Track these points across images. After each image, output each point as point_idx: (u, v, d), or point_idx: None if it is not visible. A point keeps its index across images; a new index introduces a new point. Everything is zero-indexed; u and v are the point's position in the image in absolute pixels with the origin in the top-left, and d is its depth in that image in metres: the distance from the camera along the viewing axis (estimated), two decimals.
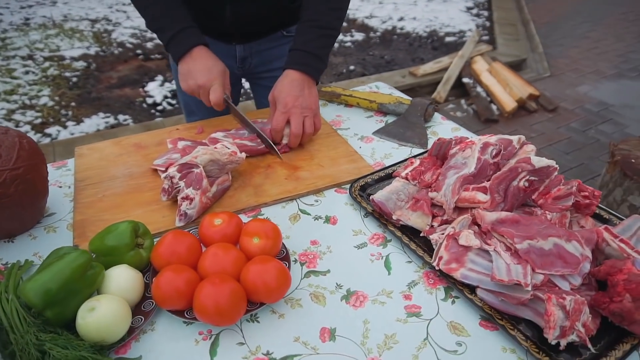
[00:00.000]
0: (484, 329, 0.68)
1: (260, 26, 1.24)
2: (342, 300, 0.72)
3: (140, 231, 0.74)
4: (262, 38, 1.27)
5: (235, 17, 1.17)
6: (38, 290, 0.59)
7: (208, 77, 1.03)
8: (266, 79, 1.36)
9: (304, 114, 1.03)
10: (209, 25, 1.20)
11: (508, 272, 0.68)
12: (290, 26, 1.30)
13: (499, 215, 0.75)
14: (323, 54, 1.07)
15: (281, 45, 1.31)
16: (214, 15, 1.17)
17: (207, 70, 1.03)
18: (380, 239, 0.84)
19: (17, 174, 0.76)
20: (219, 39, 1.24)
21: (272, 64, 1.32)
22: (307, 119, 1.03)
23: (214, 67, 1.04)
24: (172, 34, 1.04)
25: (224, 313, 0.63)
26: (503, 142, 0.85)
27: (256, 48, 1.28)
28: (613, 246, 0.71)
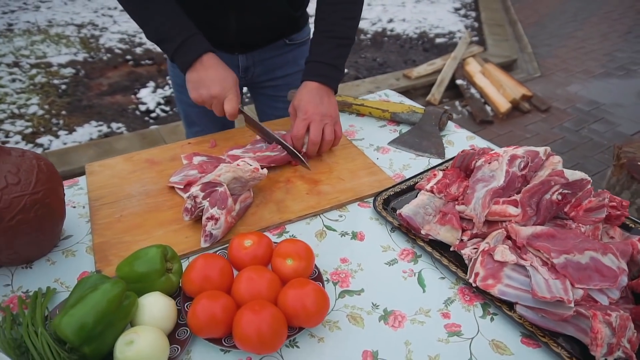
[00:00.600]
0: (527, 346, 0.67)
1: (263, 35, 1.23)
2: (380, 320, 0.70)
3: (168, 255, 0.72)
4: (265, 47, 1.26)
5: (240, 27, 1.16)
6: (75, 326, 0.57)
7: (223, 87, 1.00)
8: (269, 88, 1.35)
9: (323, 121, 1.02)
10: (212, 36, 1.17)
11: (548, 288, 0.68)
12: (292, 34, 1.29)
13: (534, 230, 0.74)
14: (340, 64, 1.07)
15: (284, 54, 1.30)
16: (218, 26, 1.15)
17: (221, 80, 1.00)
18: (410, 254, 0.83)
19: (36, 198, 0.73)
20: (221, 49, 1.22)
21: (275, 72, 1.32)
22: (327, 127, 1.02)
23: (228, 77, 1.02)
24: (179, 43, 1.01)
25: (266, 341, 0.62)
26: (530, 154, 0.85)
27: (259, 57, 1.27)
28: None
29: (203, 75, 1.01)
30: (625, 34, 5.30)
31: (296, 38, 1.30)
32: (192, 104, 1.29)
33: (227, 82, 1.01)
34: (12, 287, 0.75)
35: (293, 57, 1.32)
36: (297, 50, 1.32)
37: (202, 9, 1.11)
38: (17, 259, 0.78)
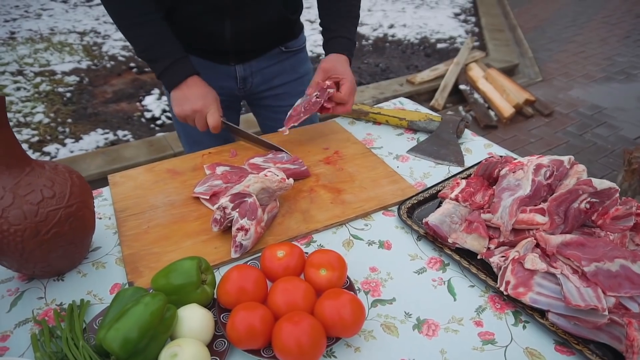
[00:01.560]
0: (561, 354, 0.68)
1: (259, 42, 1.23)
2: (414, 329, 0.71)
3: (203, 267, 0.72)
4: (261, 56, 1.26)
5: (235, 33, 1.15)
6: (120, 340, 0.57)
7: (204, 102, 1.06)
8: (269, 98, 1.35)
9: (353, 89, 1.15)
10: (208, 45, 1.19)
11: (581, 296, 0.69)
12: (288, 41, 1.29)
13: (564, 238, 0.75)
14: (356, 40, 1.21)
15: (281, 62, 1.30)
16: (213, 34, 1.15)
17: (202, 96, 1.07)
18: (438, 262, 0.84)
19: (70, 211, 0.74)
20: (217, 61, 1.23)
21: (273, 81, 1.31)
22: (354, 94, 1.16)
23: (209, 94, 1.09)
24: (166, 66, 1.06)
25: (306, 352, 0.62)
26: (555, 163, 0.86)
27: (256, 67, 1.27)
28: None
29: (187, 93, 1.07)
30: (624, 38, 5.34)
31: (292, 45, 1.30)
32: None
33: (208, 98, 1.08)
34: (45, 300, 0.76)
35: (290, 65, 1.32)
36: (294, 57, 1.33)
37: (197, 15, 1.11)
38: (50, 272, 0.78)
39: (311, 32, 5.31)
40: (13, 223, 0.68)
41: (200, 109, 1.06)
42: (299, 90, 1.32)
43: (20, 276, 0.80)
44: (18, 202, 0.69)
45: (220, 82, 1.24)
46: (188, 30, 1.14)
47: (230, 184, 0.97)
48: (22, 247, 0.70)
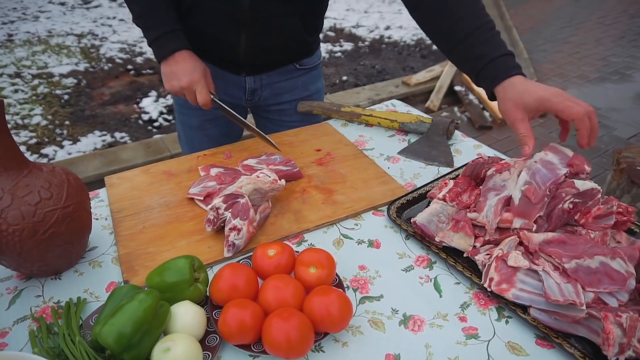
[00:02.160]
0: (541, 347, 0.70)
1: (273, 58, 1.23)
2: (400, 325, 0.73)
3: (196, 265, 0.75)
4: (274, 70, 1.25)
5: (249, 47, 1.15)
6: (115, 334, 0.59)
7: (191, 79, 1.05)
8: (274, 112, 1.34)
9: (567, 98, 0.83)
10: (221, 54, 1.19)
11: (561, 291, 0.71)
12: (303, 59, 1.28)
13: (545, 236, 0.78)
14: None
15: (293, 78, 1.29)
16: (227, 44, 1.15)
17: (189, 72, 1.05)
18: (425, 261, 0.86)
19: (67, 212, 0.76)
20: (228, 70, 1.23)
21: (283, 97, 1.31)
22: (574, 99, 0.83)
23: (196, 69, 1.06)
24: (156, 36, 1.05)
25: (295, 346, 0.64)
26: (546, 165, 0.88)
27: (267, 80, 1.26)
28: None
29: (175, 68, 1.06)
30: (619, 39, 5.38)
31: (307, 63, 1.29)
32: (195, 125, 1.33)
33: (195, 73, 1.05)
34: (43, 298, 0.78)
35: (303, 82, 1.31)
36: (307, 75, 1.31)
37: (214, 24, 1.12)
38: (48, 271, 0.80)
39: None
40: (11, 223, 0.70)
41: (188, 85, 1.05)
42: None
43: (18, 275, 0.82)
44: (16, 203, 0.71)
45: (228, 90, 1.25)
46: (203, 36, 1.14)
47: (224, 185, 0.99)
48: (20, 247, 0.72)
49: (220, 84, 1.21)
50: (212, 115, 1.28)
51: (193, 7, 1.09)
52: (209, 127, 1.33)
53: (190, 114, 1.32)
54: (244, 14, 1.06)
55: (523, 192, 0.81)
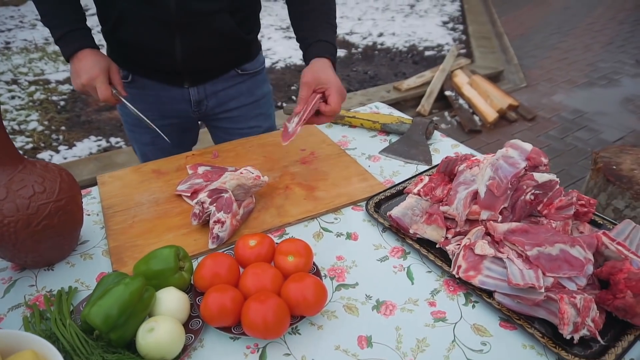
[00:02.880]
0: (504, 329, 0.75)
1: (213, 63, 1.22)
2: (373, 310, 0.78)
3: (181, 255, 0.79)
4: (216, 79, 1.25)
5: (186, 51, 1.13)
6: (102, 315, 0.64)
7: (89, 75, 1.04)
8: (224, 120, 1.34)
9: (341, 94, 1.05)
10: (159, 65, 1.18)
11: (522, 276, 0.76)
12: (244, 63, 1.28)
13: (509, 226, 0.83)
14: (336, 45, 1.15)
15: (237, 84, 1.29)
16: (163, 52, 1.14)
17: (89, 69, 1.04)
18: (399, 251, 0.91)
19: (59, 205, 0.81)
20: (171, 84, 1.22)
21: (229, 104, 1.31)
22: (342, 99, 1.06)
23: (96, 65, 1.05)
24: (60, 35, 1.06)
25: (271, 327, 0.69)
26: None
27: (211, 89, 1.26)
28: (611, 249, 0.80)
29: (77, 67, 1.06)
30: (607, 45, 5.48)
31: (249, 68, 1.29)
32: (147, 142, 1.34)
33: (94, 70, 1.04)
34: (36, 287, 0.82)
35: (247, 87, 1.31)
36: (251, 80, 1.31)
37: (146, 33, 1.10)
38: (41, 262, 0.85)
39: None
40: (7, 215, 0.75)
41: (87, 82, 1.04)
42: (255, 113, 1.34)
43: (13, 266, 0.86)
44: (11, 196, 0.76)
45: (174, 104, 1.26)
46: (138, 48, 1.14)
47: (211, 182, 1.04)
48: (15, 238, 0.76)
49: (166, 100, 1.23)
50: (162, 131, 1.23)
51: (121, 20, 1.09)
52: (160, 142, 1.29)
53: (140, 132, 1.33)
54: (172, 16, 1.05)
55: (487, 186, 0.86)
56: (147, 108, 1.21)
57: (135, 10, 1.06)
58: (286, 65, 4.65)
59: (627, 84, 4.37)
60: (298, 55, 4.92)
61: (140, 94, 1.23)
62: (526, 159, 0.87)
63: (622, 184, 1.56)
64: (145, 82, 1.21)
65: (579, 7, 7.31)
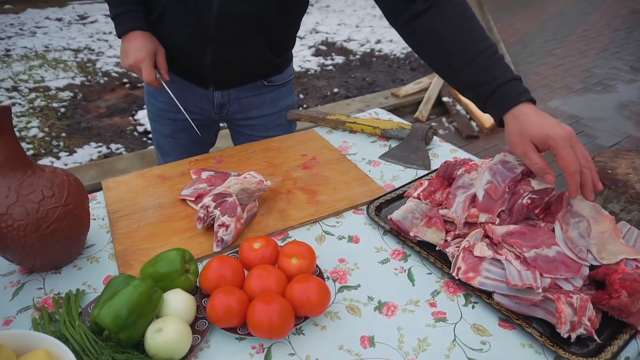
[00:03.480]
0: (503, 328, 0.77)
1: (239, 74, 1.25)
2: (375, 310, 0.80)
3: (187, 257, 0.81)
4: (241, 86, 1.28)
5: (215, 61, 1.17)
6: (112, 316, 0.65)
7: (137, 57, 1.11)
8: (245, 127, 1.37)
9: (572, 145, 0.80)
10: (187, 66, 1.22)
11: (520, 277, 0.78)
12: (271, 76, 1.30)
13: (507, 228, 0.85)
14: None
15: (260, 95, 1.32)
16: (193, 57, 1.18)
17: (137, 50, 1.11)
18: (400, 254, 0.93)
19: (68, 209, 0.82)
20: (196, 83, 1.26)
21: (251, 112, 1.33)
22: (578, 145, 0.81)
23: (143, 48, 1.11)
24: (115, 13, 1.13)
25: (276, 328, 0.71)
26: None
27: (235, 95, 1.29)
28: None
29: (127, 47, 1.12)
30: (602, 51, 5.55)
31: (276, 80, 1.31)
32: (167, 134, 1.38)
33: (142, 52, 1.11)
34: (44, 290, 0.84)
35: (271, 98, 1.33)
36: (277, 91, 1.33)
37: (181, 36, 1.14)
38: (49, 265, 0.86)
39: (300, 48, 5.46)
40: (17, 219, 0.77)
41: (134, 62, 1.11)
42: (276, 123, 1.37)
43: (21, 269, 0.88)
44: (21, 200, 0.77)
45: (197, 102, 1.29)
46: (170, 47, 1.17)
47: (214, 187, 1.06)
48: (25, 241, 0.78)
49: (190, 97, 1.26)
50: (183, 125, 1.32)
51: (161, 18, 1.13)
52: (180, 137, 1.38)
53: (162, 122, 1.37)
54: (210, 28, 1.08)
55: (485, 190, 0.89)
56: (171, 101, 1.24)
57: (176, 13, 1.11)
58: None
59: (622, 90, 4.43)
60: (296, 62, 4.96)
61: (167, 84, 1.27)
62: (523, 164, 0.89)
63: (617, 188, 1.59)
64: (172, 76, 1.24)
65: (574, 14, 7.40)
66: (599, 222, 0.85)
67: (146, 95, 1.38)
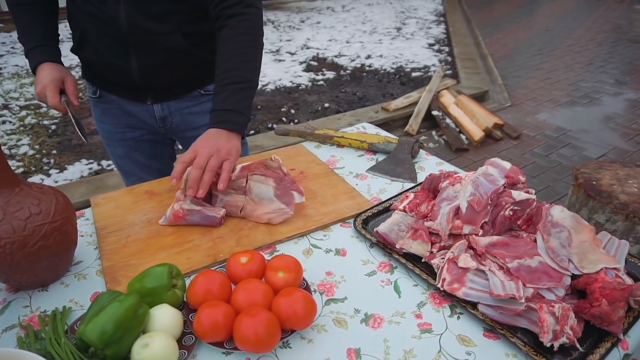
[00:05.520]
0: (488, 338, 0.78)
1: (170, 80, 1.26)
2: (361, 323, 0.81)
3: (174, 272, 0.82)
4: (179, 98, 1.30)
5: (141, 68, 1.19)
6: (98, 332, 0.65)
7: (42, 84, 1.16)
8: (190, 139, 1.33)
9: (211, 153, 1.00)
10: (119, 82, 1.25)
11: (503, 287, 0.79)
12: (207, 84, 1.31)
13: (491, 239, 0.87)
14: (242, 108, 1.09)
15: (200, 104, 1.33)
16: (120, 67, 1.19)
17: (42, 79, 1.17)
18: (387, 266, 0.94)
19: (55, 226, 0.83)
20: (134, 99, 1.28)
21: (195, 122, 1.35)
22: (213, 158, 1.00)
23: (47, 76, 1.17)
24: (26, 50, 1.19)
25: (263, 341, 0.71)
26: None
27: (175, 107, 1.31)
28: None
29: (36, 78, 1.18)
30: (587, 65, 5.67)
31: (211, 88, 1.31)
32: (122, 154, 1.43)
33: (46, 79, 1.16)
34: (30, 308, 0.84)
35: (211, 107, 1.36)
36: None
37: (104, 51, 1.17)
38: (35, 283, 0.86)
39: (291, 64, 5.53)
40: (3, 237, 0.77)
41: (40, 90, 1.16)
42: None
43: (7, 287, 0.88)
44: (8, 218, 0.78)
45: (141, 118, 1.33)
46: (98, 66, 1.23)
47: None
48: (11, 259, 0.78)
49: (132, 114, 1.31)
50: (135, 143, 1.39)
51: (82, 40, 1.20)
52: (135, 155, 1.42)
53: (115, 144, 1.42)
54: (126, 35, 1.12)
55: (469, 202, 0.90)
56: (117, 121, 1.35)
57: (94, 30, 1.15)
58: (276, 88, 4.74)
59: (607, 103, 4.51)
60: (288, 78, 5.01)
61: (108, 107, 1.33)
62: (505, 177, 0.91)
63: (602, 199, 1.62)
64: (112, 97, 1.29)
65: (559, 29, 7.57)
66: (579, 231, 0.87)
67: (95, 121, 1.42)
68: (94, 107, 1.37)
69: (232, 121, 1.07)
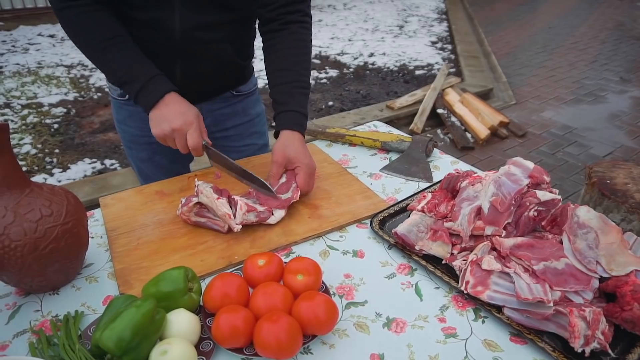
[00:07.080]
0: (515, 343, 0.75)
1: (208, 85, 1.26)
2: (384, 327, 0.78)
3: (190, 276, 0.79)
4: (212, 99, 1.30)
5: (184, 75, 1.17)
6: (115, 338, 0.63)
7: (184, 121, 1.00)
8: (220, 139, 1.37)
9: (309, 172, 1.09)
10: None
11: (530, 291, 0.77)
12: (239, 86, 1.32)
13: (515, 241, 0.84)
14: (307, 111, 1.16)
15: (231, 105, 1.33)
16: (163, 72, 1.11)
17: (181, 114, 1.01)
18: (406, 268, 0.91)
19: (67, 228, 0.80)
20: None
21: (225, 123, 1.35)
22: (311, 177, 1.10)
23: (189, 111, 1.02)
24: (141, 85, 1.02)
25: (284, 347, 0.69)
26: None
27: (207, 108, 1.30)
28: None
29: (165, 111, 1.01)
30: (592, 63, 5.64)
31: (243, 89, 1.33)
32: (144, 158, 1.38)
33: (187, 115, 1.01)
34: (42, 312, 0.81)
35: (242, 107, 1.35)
36: (246, 100, 1.36)
37: (150, 57, 1.08)
38: (46, 286, 0.84)
39: None
40: (14, 239, 0.74)
41: (180, 127, 0.99)
42: (251, 131, 1.40)
43: (17, 291, 0.85)
44: (19, 220, 0.75)
45: None
46: None
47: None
48: (22, 262, 0.76)
49: None
50: (159, 147, 1.20)
51: None
52: (158, 159, 1.37)
53: (138, 148, 1.36)
54: (176, 44, 1.09)
55: (491, 202, 0.88)
56: (144, 125, 1.19)
57: (141, 35, 1.08)
58: None
59: (612, 100, 4.49)
60: None
61: (137, 110, 1.23)
62: (528, 177, 0.89)
63: (617, 198, 1.59)
64: None
65: (562, 26, 7.54)
66: (606, 233, 0.84)
67: (116, 122, 1.36)
68: (118, 109, 1.32)
69: (304, 124, 1.14)
